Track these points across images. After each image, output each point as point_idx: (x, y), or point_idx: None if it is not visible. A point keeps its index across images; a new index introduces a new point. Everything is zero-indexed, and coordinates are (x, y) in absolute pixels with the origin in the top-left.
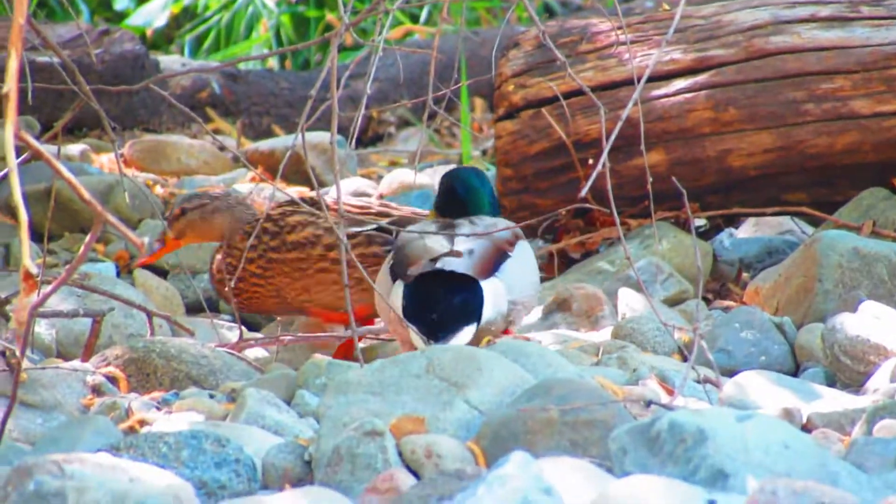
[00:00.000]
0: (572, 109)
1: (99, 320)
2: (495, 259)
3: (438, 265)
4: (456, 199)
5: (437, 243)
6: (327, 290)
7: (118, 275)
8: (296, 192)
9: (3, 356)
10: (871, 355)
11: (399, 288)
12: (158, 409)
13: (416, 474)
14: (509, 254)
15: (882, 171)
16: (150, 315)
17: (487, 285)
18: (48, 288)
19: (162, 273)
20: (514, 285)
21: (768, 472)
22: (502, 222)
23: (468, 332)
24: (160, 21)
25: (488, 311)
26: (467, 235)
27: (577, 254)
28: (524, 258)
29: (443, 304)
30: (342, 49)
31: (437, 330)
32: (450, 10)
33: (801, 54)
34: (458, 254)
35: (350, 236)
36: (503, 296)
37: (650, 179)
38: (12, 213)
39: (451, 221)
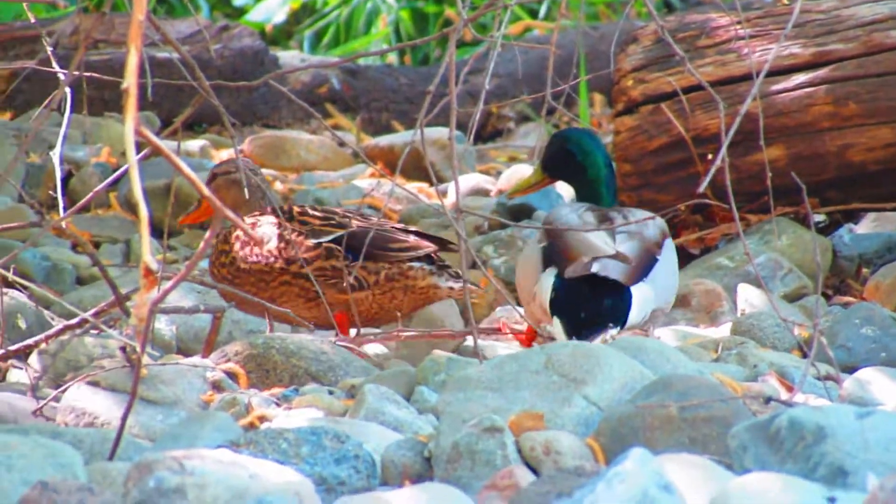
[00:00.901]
0: (691, 104)
1: (219, 316)
2: (646, 263)
3: (594, 269)
4: (571, 162)
5: (600, 240)
6: (294, 303)
7: None
8: (415, 187)
9: (124, 352)
10: None
11: (550, 277)
12: (278, 405)
13: (534, 471)
14: (657, 257)
15: None
16: (269, 311)
17: (637, 291)
18: (168, 284)
19: None
20: (660, 292)
21: (889, 469)
22: (650, 216)
23: (611, 334)
24: (279, 17)
25: (633, 316)
26: (616, 232)
27: (697, 249)
28: (669, 261)
29: (592, 303)
30: (461, 44)
31: (581, 328)
32: (569, 6)
33: None
34: (624, 258)
35: (309, 249)
36: (650, 302)
37: (770, 174)
38: (133, 209)
39: (605, 212)
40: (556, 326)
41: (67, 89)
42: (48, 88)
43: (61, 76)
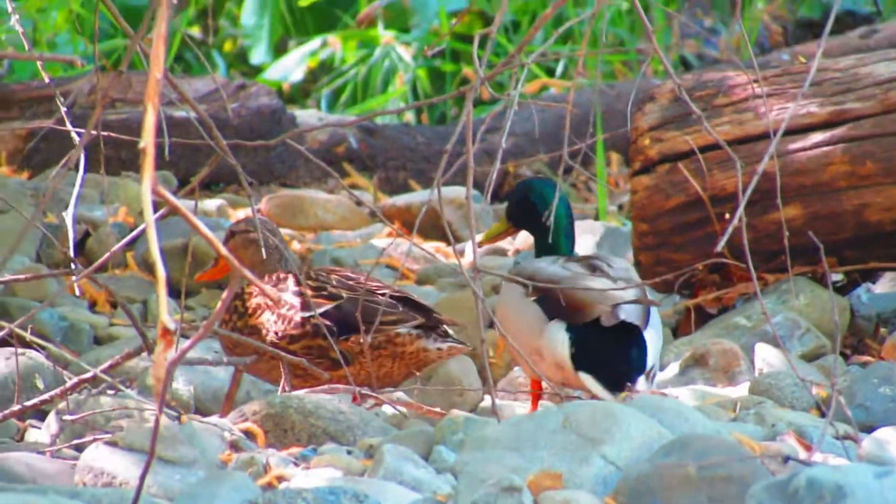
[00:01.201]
0: (709, 163)
1: (241, 369)
2: (647, 309)
3: (622, 316)
4: (533, 212)
5: (610, 288)
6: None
7: None
8: (432, 246)
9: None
10: None
11: (559, 331)
12: (296, 464)
13: None
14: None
15: None
16: (284, 363)
17: (647, 337)
18: (187, 342)
19: None
20: (657, 340)
21: None
22: (627, 264)
23: (642, 382)
24: (297, 75)
25: (650, 362)
26: (612, 279)
27: (714, 309)
28: (656, 311)
29: (619, 353)
30: (478, 103)
31: (619, 380)
32: (585, 64)
33: None
34: (654, 303)
35: (297, 326)
36: (658, 348)
37: (787, 234)
38: (150, 268)
39: (588, 261)
40: (587, 381)
41: (83, 149)
42: (65, 148)
43: (77, 136)
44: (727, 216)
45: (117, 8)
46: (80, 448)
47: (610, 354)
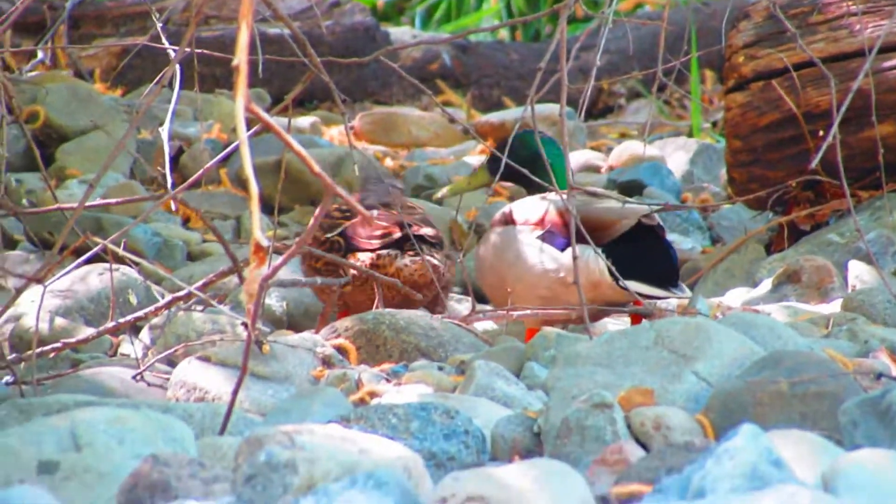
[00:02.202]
0: (802, 81)
1: (335, 290)
2: None
3: (645, 221)
4: (531, 163)
5: (623, 206)
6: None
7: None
8: None
9: (246, 327)
10: None
11: (588, 251)
12: (388, 380)
13: (644, 447)
14: None
15: None
16: (377, 282)
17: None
18: (279, 259)
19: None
20: None
21: None
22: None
23: (683, 284)
24: None
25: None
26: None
27: (807, 226)
28: None
29: (664, 254)
30: (572, 20)
31: (667, 281)
32: None
33: None
34: (678, 206)
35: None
36: None
37: (881, 151)
38: (243, 185)
39: (590, 193)
40: (635, 287)
41: (178, 66)
42: (159, 65)
43: (172, 53)
44: (821, 133)
45: None
46: (173, 364)
47: (649, 258)
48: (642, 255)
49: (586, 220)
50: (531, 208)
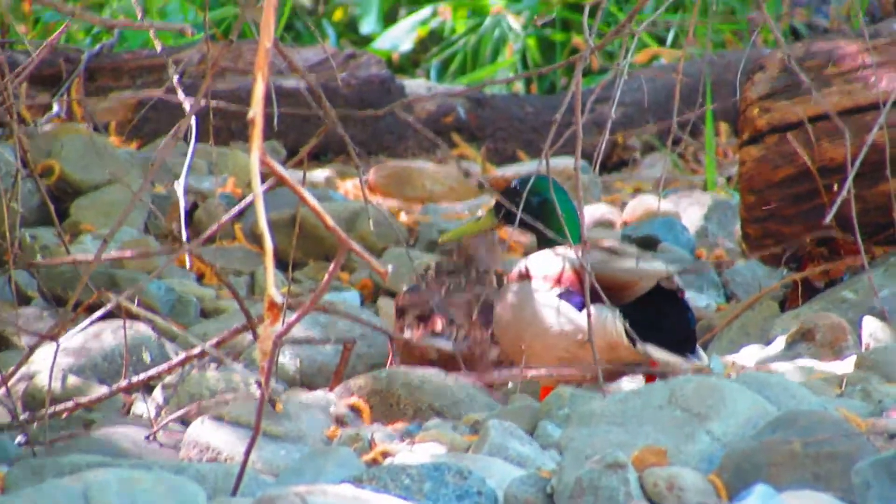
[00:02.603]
0: (817, 134)
1: (349, 347)
2: None
3: (679, 283)
4: (538, 210)
5: (647, 265)
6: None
7: (362, 304)
8: None
9: (259, 386)
10: None
11: (606, 312)
12: (401, 440)
13: None
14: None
15: None
16: (392, 339)
17: (688, 302)
18: (293, 316)
19: None
20: None
21: None
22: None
23: (700, 349)
24: (406, 45)
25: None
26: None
27: (821, 282)
28: None
29: (683, 319)
30: (588, 73)
31: (684, 346)
32: (695, 33)
33: None
34: (701, 269)
35: None
36: None
37: None
38: (257, 240)
39: (610, 246)
40: (653, 352)
41: (193, 119)
42: (175, 118)
43: (187, 105)
44: (836, 188)
45: None
46: (185, 422)
47: (667, 323)
48: (660, 318)
49: (604, 279)
50: (548, 264)
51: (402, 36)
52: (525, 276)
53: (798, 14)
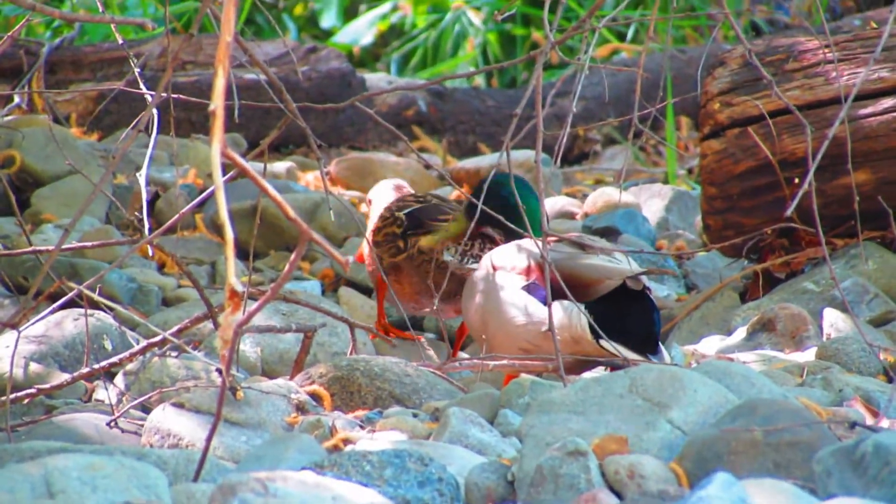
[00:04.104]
0: (778, 128)
1: (310, 335)
2: None
3: (645, 282)
4: (505, 207)
5: (614, 262)
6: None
7: (323, 293)
8: None
9: (220, 374)
10: None
11: (573, 308)
12: (362, 427)
13: (618, 495)
14: None
15: None
16: (352, 328)
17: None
18: (254, 305)
19: (366, 291)
20: None
21: None
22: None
23: (662, 347)
24: (367, 39)
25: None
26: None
27: (782, 274)
28: None
29: (647, 319)
30: (548, 67)
31: (647, 345)
32: (656, 29)
33: None
34: (666, 272)
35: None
36: None
37: (856, 198)
38: (219, 230)
39: (577, 241)
40: (614, 349)
41: (154, 111)
42: (136, 110)
43: (148, 97)
44: (796, 181)
45: None
46: (147, 409)
47: (631, 321)
48: (625, 317)
49: (571, 276)
50: (513, 256)
51: (362, 30)
52: (491, 267)
53: (759, 10)
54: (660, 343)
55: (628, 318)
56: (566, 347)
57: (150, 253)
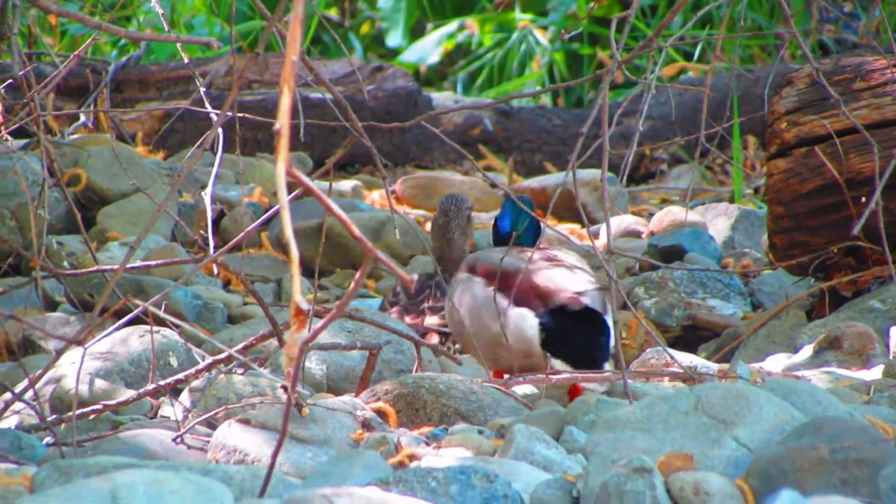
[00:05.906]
0: (845, 147)
1: (375, 353)
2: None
3: (587, 302)
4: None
5: (572, 276)
6: None
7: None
8: (567, 228)
9: (286, 391)
10: None
11: (526, 318)
12: (427, 444)
13: None
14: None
15: None
16: (418, 346)
17: (608, 321)
18: (319, 323)
19: None
20: (613, 325)
21: None
22: (577, 255)
23: (607, 367)
24: (433, 58)
25: (612, 347)
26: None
27: (848, 292)
28: (610, 301)
29: (590, 339)
30: (615, 86)
31: (588, 363)
32: (723, 48)
33: None
34: (607, 288)
35: None
36: (614, 334)
37: None
38: (284, 248)
39: (543, 252)
40: (560, 365)
41: (220, 129)
42: (201, 129)
43: (214, 116)
44: (863, 200)
45: None
46: (212, 426)
47: (578, 339)
48: (573, 334)
49: (531, 286)
50: (486, 261)
51: (429, 49)
52: (471, 269)
53: (827, 29)
54: (604, 365)
55: (575, 337)
56: (519, 359)
57: (216, 271)
